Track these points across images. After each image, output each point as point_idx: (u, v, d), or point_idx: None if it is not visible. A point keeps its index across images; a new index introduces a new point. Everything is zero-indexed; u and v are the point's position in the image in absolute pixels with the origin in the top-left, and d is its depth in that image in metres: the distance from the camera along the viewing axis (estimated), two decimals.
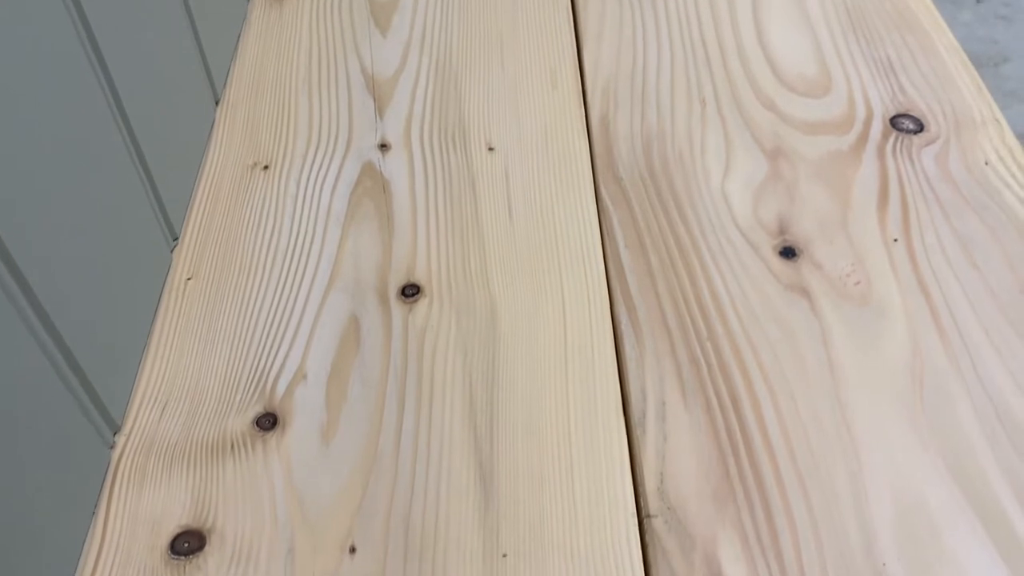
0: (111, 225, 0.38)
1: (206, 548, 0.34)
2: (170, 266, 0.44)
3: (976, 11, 1.63)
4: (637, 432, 0.38)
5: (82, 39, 0.35)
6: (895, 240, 0.45)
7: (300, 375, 0.39)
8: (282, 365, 0.40)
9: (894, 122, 0.51)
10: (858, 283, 0.43)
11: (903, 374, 0.40)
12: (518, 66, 0.55)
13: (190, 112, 0.48)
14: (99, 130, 0.37)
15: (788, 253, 0.45)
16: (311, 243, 0.45)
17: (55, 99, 0.33)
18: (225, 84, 0.54)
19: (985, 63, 1.53)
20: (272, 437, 0.37)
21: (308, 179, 0.48)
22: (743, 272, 0.44)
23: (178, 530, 0.35)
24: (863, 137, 0.50)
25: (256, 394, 0.39)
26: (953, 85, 0.54)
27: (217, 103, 0.52)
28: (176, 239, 0.45)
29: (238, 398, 0.39)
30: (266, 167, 0.49)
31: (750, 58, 0.55)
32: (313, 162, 0.49)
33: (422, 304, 0.42)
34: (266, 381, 0.39)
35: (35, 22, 0.32)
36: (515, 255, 0.45)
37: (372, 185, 0.48)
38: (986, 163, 0.49)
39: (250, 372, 0.40)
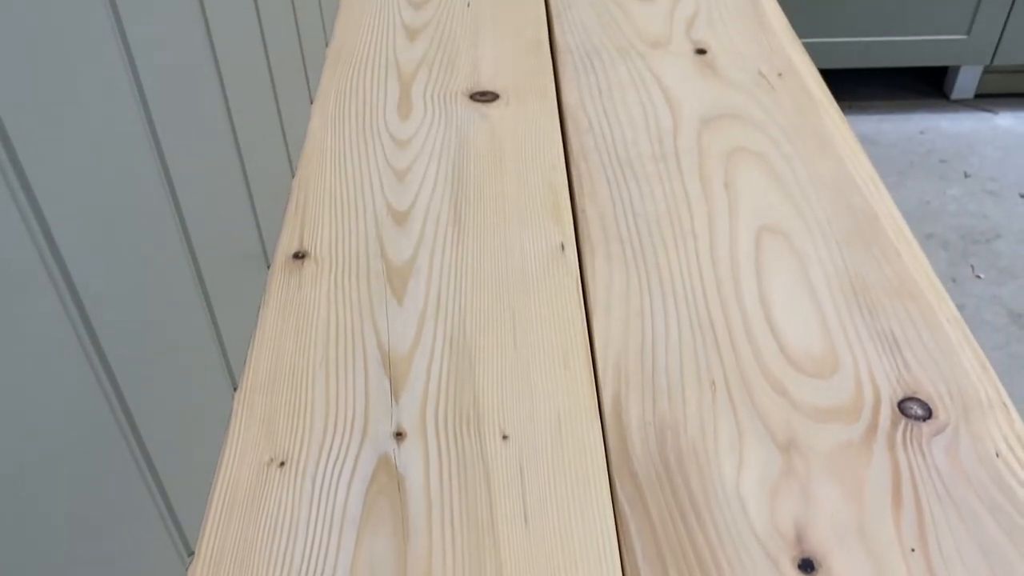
0: (120, 550, 0.38)
1: None
2: None
3: (964, 185, 1.69)
4: None
5: (80, 334, 0.35)
6: (912, 550, 0.45)
7: None
8: None
9: (902, 407, 0.52)
10: None
11: None
12: (530, 339, 0.56)
13: (206, 407, 0.49)
14: (105, 444, 0.37)
15: (806, 566, 0.44)
16: (326, 554, 0.45)
17: (53, 402, 0.33)
18: (244, 367, 0.55)
19: (978, 239, 1.57)
20: None
21: (324, 477, 0.48)
22: None
23: None
24: (872, 426, 0.51)
25: None
26: (958, 362, 0.55)
27: (235, 390, 0.53)
28: (191, 554, 0.44)
29: None
30: (282, 463, 0.49)
31: (756, 333, 0.57)
32: (329, 456, 0.49)
33: None
34: None
35: (35, 330, 0.33)
36: (531, 568, 0.44)
37: (387, 481, 0.48)
38: (997, 455, 0.49)
39: None
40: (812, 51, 1.74)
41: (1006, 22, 1.72)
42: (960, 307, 1.44)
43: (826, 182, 0.69)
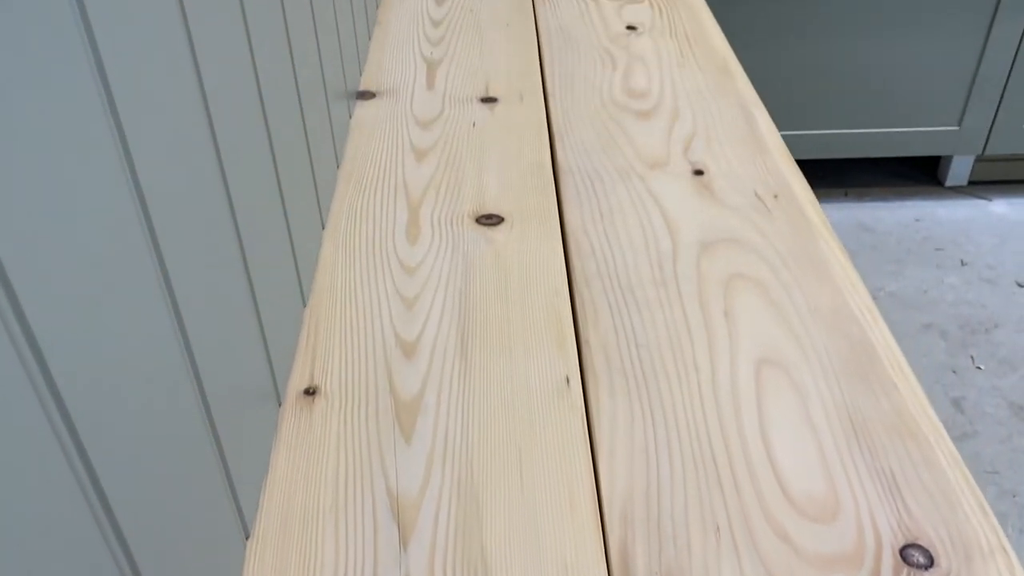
0: None
1: None
2: None
3: (961, 274, 1.71)
4: None
5: (81, 480, 0.35)
6: None
7: None
8: None
9: (904, 555, 0.53)
10: None
11: None
12: (536, 481, 0.57)
13: (217, 557, 0.50)
14: None
15: None
16: None
17: (48, 553, 0.34)
18: (256, 513, 0.56)
19: (977, 328, 1.58)
20: None
21: None
22: None
23: None
24: (875, 575, 0.52)
25: None
26: (958, 504, 0.56)
27: (247, 538, 0.54)
28: None
29: None
30: None
31: (759, 472, 0.58)
32: None
33: None
34: None
35: (31, 475, 0.33)
36: None
37: None
38: None
39: None
40: (810, 142, 1.79)
41: (995, 114, 1.77)
42: (961, 399, 1.45)
43: (824, 312, 0.71)
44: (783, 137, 1.77)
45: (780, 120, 1.77)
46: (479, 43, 1.14)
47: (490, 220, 0.82)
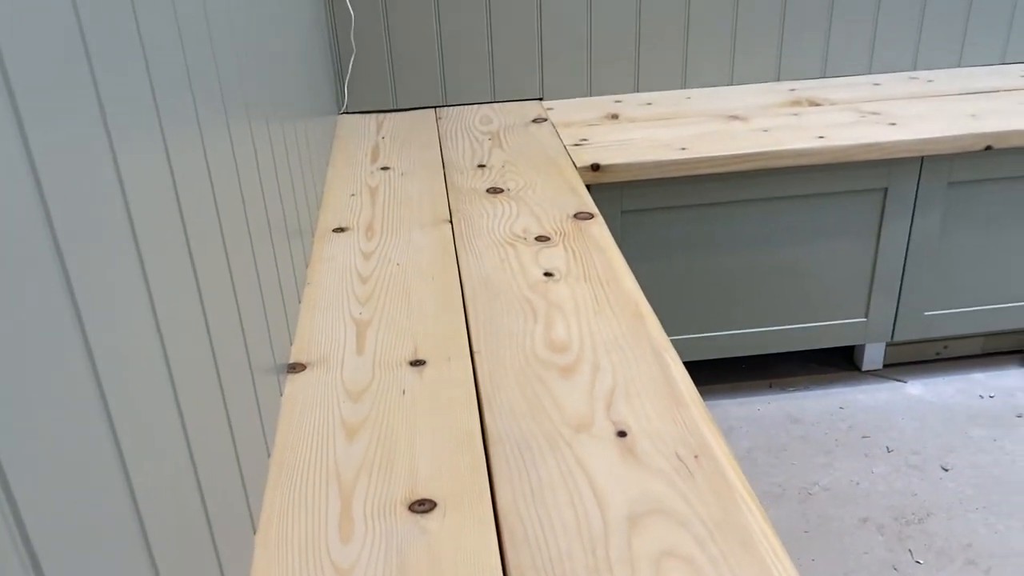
0: None
1: None
2: None
3: (889, 461, 1.76)
4: None
5: None
6: None
7: None
8: None
9: None
10: None
11: None
12: None
13: None
14: None
15: None
16: None
17: None
18: None
19: (910, 519, 1.62)
20: None
21: None
22: None
23: None
24: None
25: None
26: None
27: None
28: None
29: None
30: None
31: None
32: None
33: None
34: None
35: None
36: None
37: None
38: None
39: None
40: (736, 340, 1.87)
41: (897, 304, 1.89)
42: None
43: None
44: (712, 338, 1.85)
45: (708, 322, 1.86)
46: (406, 300, 1.19)
47: (423, 507, 0.83)
